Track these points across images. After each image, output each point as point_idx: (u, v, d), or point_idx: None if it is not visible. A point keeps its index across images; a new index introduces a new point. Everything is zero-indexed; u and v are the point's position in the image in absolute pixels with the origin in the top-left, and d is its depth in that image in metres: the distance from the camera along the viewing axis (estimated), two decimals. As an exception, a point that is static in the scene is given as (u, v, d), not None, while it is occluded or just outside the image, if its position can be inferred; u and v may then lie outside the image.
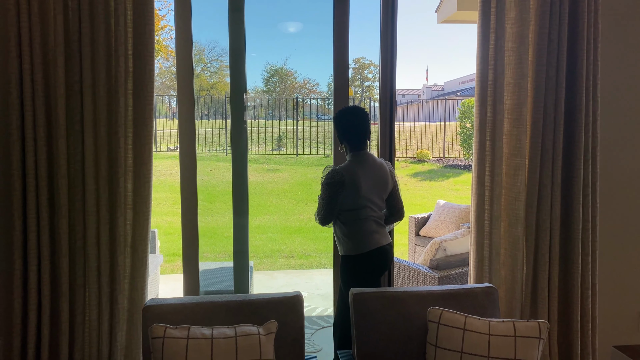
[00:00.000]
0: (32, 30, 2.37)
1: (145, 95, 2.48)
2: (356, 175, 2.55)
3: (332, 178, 2.53)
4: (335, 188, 2.52)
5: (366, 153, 2.65)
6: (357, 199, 2.56)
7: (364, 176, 2.57)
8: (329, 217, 2.59)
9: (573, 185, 2.75)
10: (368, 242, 2.59)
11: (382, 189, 2.66)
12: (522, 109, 2.68)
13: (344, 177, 2.53)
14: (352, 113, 2.62)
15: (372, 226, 2.62)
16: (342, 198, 2.56)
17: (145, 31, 2.45)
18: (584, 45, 2.67)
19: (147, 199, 2.54)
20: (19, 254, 2.47)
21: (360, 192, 2.55)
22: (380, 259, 2.64)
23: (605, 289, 3.07)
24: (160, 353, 1.82)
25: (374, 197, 2.62)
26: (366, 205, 2.59)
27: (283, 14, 28.49)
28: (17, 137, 2.42)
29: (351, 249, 2.60)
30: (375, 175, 2.63)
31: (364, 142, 2.65)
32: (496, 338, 1.97)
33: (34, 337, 2.50)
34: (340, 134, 2.66)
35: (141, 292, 2.58)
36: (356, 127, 2.61)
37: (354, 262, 2.60)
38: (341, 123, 2.63)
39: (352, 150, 2.65)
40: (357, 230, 2.59)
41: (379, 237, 2.64)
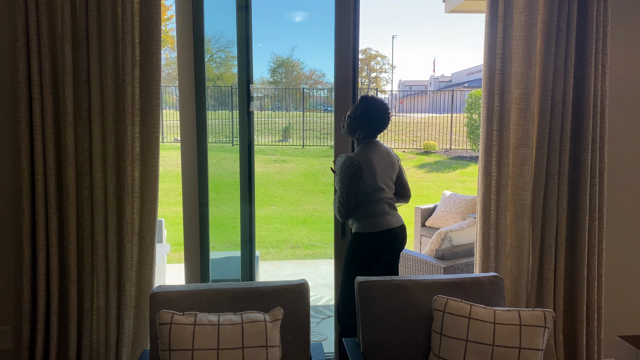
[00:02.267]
0: (40, 19, 2.38)
1: (152, 84, 2.48)
2: (371, 160, 2.64)
3: (351, 166, 2.58)
4: (357, 175, 2.58)
5: (375, 140, 2.76)
6: (374, 183, 2.65)
7: (378, 160, 2.68)
8: (351, 207, 2.63)
9: (580, 176, 2.74)
10: (380, 223, 2.68)
11: (392, 172, 2.79)
12: (529, 99, 2.66)
13: (361, 162, 2.59)
14: (382, 105, 2.71)
15: (385, 208, 2.71)
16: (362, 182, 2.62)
17: (152, 20, 2.45)
18: (593, 34, 2.64)
19: (154, 187, 2.55)
20: (28, 241, 2.50)
21: (376, 175, 2.64)
22: (391, 239, 2.72)
23: (611, 279, 3.06)
24: (167, 339, 1.84)
25: (387, 179, 2.74)
26: (381, 187, 2.69)
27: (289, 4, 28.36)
28: (26, 125, 2.44)
29: (363, 227, 2.68)
30: (386, 159, 2.75)
31: (378, 131, 2.76)
32: (501, 327, 1.98)
33: (42, 323, 2.53)
34: (363, 122, 2.69)
35: (148, 280, 2.60)
36: (381, 119, 2.70)
37: (363, 240, 2.68)
38: (375, 117, 2.68)
39: (367, 137, 2.73)
40: (371, 211, 2.68)
41: (390, 218, 2.72)
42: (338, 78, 2.82)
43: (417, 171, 13.56)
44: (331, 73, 16.76)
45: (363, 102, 2.70)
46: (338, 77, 2.82)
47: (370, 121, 2.68)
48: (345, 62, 2.81)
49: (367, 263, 2.69)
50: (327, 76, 33.35)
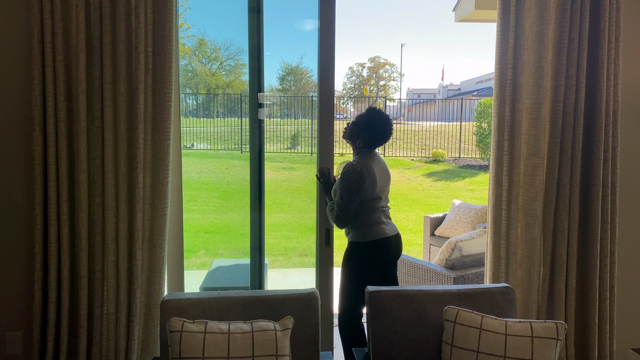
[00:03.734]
0: (55, 28, 2.41)
1: (165, 92, 2.50)
2: (372, 168, 2.66)
3: (354, 173, 2.59)
4: (361, 182, 2.60)
5: (374, 151, 2.80)
6: (373, 192, 2.67)
7: (378, 170, 2.71)
8: (349, 214, 2.63)
9: (592, 186, 2.72)
10: (376, 232, 2.70)
11: (389, 182, 2.84)
12: (540, 109, 2.65)
13: (363, 170, 2.61)
14: (388, 119, 2.76)
15: (380, 217, 2.74)
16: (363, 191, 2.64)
17: (165, 28, 2.48)
18: (605, 45, 2.63)
19: (165, 194, 2.57)
20: (40, 247, 2.52)
21: (376, 184, 2.66)
22: (386, 248, 2.73)
23: (624, 291, 3.03)
24: (177, 346, 1.84)
25: (384, 189, 2.77)
26: (379, 197, 2.72)
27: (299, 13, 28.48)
28: (39, 132, 2.47)
29: (361, 235, 2.70)
30: (384, 170, 2.79)
31: (380, 143, 2.79)
32: (513, 338, 1.96)
33: (53, 329, 2.54)
34: (365, 131, 2.73)
35: (158, 287, 2.61)
36: (383, 130, 2.74)
37: (360, 249, 2.70)
38: (377, 129, 2.72)
39: (367, 147, 2.76)
40: (368, 221, 2.70)
41: (386, 227, 2.75)
42: (322, 88, 2.81)
43: (426, 180, 13.52)
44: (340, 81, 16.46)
45: (369, 112, 2.76)
46: (322, 87, 2.81)
47: (372, 131, 2.72)
48: (328, 73, 2.81)
49: (365, 272, 2.70)
50: (335, 84, 33.32)
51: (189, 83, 15.22)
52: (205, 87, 16.55)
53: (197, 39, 14.04)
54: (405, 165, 15.42)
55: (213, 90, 16.63)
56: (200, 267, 6.30)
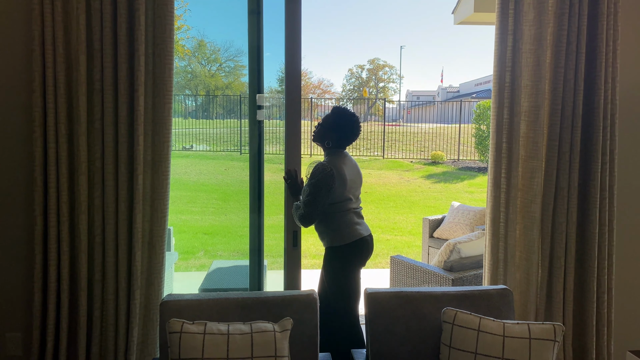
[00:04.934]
0: (56, 30, 2.42)
1: (165, 94, 2.51)
2: (342, 169, 2.67)
3: (323, 172, 2.59)
4: (330, 182, 2.60)
5: (344, 151, 2.82)
6: (343, 192, 2.68)
7: (348, 171, 2.72)
8: (315, 214, 2.62)
9: (590, 189, 2.73)
10: (353, 233, 2.72)
11: (360, 184, 2.87)
12: (539, 111, 2.67)
13: (333, 170, 2.62)
14: (353, 117, 2.78)
15: (353, 218, 2.76)
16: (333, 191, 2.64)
17: (165, 31, 2.49)
18: (603, 48, 2.65)
19: (164, 196, 2.57)
20: (40, 249, 2.52)
21: (346, 185, 2.68)
22: (363, 249, 2.76)
23: (622, 293, 3.04)
24: (177, 347, 1.85)
25: (355, 190, 2.79)
26: (350, 197, 2.73)
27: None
28: (40, 133, 2.48)
29: (338, 239, 2.71)
30: (355, 171, 2.81)
31: (348, 143, 2.82)
32: (511, 340, 1.97)
33: (52, 330, 2.54)
34: (332, 131, 2.76)
35: (158, 288, 2.61)
36: (350, 129, 2.76)
37: (342, 252, 2.71)
38: (343, 128, 2.75)
39: (336, 147, 2.77)
40: (341, 222, 2.71)
41: (360, 228, 2.77)
42: (288, 88, 2.79)
43: (425, 182, 13.53)
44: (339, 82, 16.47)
45: (334, 112, 2.79)
46: (288, 86, 2.79)
47: (339, 130, 2.73)
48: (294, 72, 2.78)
49: (351, 274, 2.72)
50: (335, 85, 33.36)
51: (188, 84, 15.22)
52: (205, 89, 16.55)
53: (196, 40, 14.06)
54: (404, 167, 15.43)
55: (212, 92, 16.63)
56: (200, 268, 6.31)
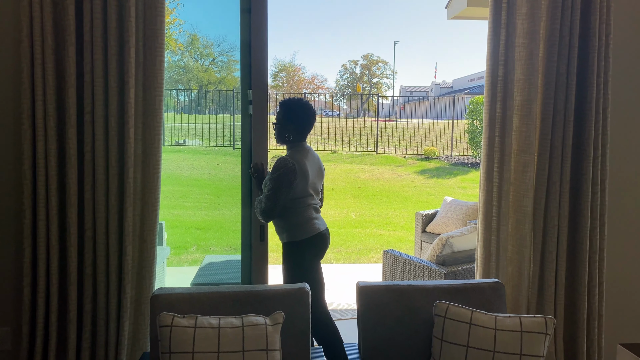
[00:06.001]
0: (44, 21, 2.39)
1: (156, 87, 2.49)
2: (304, 164, 2.67)
3: (286, 167, 2.58)
4: (291, 177, 2.59)
5: (306, 144, 2.81)
6: (305, 188, 2.68)
7: (310, 165, 2.72)
8: (276, 209, 2.61)
9: (582, 183, 2.74)
10: (310, 228, 2.73)
11: (321, 179, 2.87)
12: (532, 106, 2.67)
13: (295, 166, 2.61)
14: (304, 106, 2.75)
15: (312, 213, 2.77)
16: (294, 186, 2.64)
17: (156, 23, 2.46)
18: (595, 42, 2.65)
19: (155, 190, 2.55)
20: (29, 242, 2.50)
21: (307, 181, 2.68)
22: (321, 243, 2.79)
23: (612, 287, 3.05)
24: (167, 341, 1.84)
25: (316, 185, 2.79)
26: (310, 193, 2.73)
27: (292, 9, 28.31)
28: (28, 126, 2.44)
29: (298, 234, 2.73)
30: (317, 166, 2.81)
31: (305, 134, 2.80)
32: (502, 333, 1.98)
33: (42, 324, 2.52)
34: (287, 124, 2.75)
35: (149, 282, 2.59)
36: (302, 116, 2.74)
37: (302, 246, 2.73)
38: (294, 114, 2.73)
39: (297, 141, 2.76)
40: (300, 219, 2.72)
41: (317, 222, 2.79)
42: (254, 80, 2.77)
43: (418, 177, 13.55)
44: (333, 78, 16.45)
45: (282, 106, 2.78)
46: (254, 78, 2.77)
47: (293, 121, 2.72)
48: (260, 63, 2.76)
49: (308, 269, 2.73)
50: (328, 81, 33.38)
51: (181, 79, 15.13)
52: (198, 83, 16.47)
53: (189, 34, 13.97)
54: (398, 162, 15.45)
55: (205, 87, 16.55)
56: (192, 263, 6.29)
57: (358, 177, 13.52)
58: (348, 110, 34.02)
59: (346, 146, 17.42)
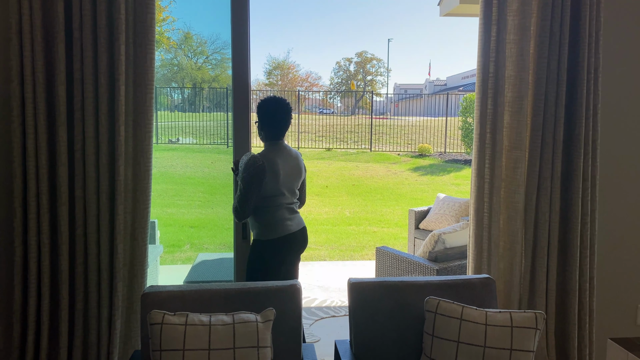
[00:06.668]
0: (33, 18, 2.37)
1: (146, 84, 2.48)
2: (275, 162, 2.64)
3: (254, 166, 2.56)
4: (260, 176, 2.58)
5: (283, 143, 2.76)
6: (275, 187, 2.64)
7: (283, 164, 2.68)
8: (247, 208, 2.61)
9: (573, 179, 2.75)
10: (279, 229, 2.70)
11: (297, 177, 2.80)
12: (522, 102, 2.68)
13: (265, 164, 2.59)
14: (277, 103, 2.70)
15: (284, 214, 2.72)
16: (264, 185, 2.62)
17: (147, 19, 2.45)
18: (585, 38, 2.66)
19: (146, 187, 2.55)
20: (19, 241, 2.48)
21: (279, 179, 2.64)
22: (291, 244, 2.74)
23: (602, 282, 3.07)
24: (158, 339, 1.83)
25: (290, 185, 2.74)
26: (282, 193, 2.69)
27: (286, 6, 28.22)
28: (18, 124, 2.43)
29: (265, 233, 2.70)
30: (293, 164, 2.75)
31: (282, 133, 2.75)
32: (493, 328, 1.98)
33: (33, 323, 2.51)
34: (262, 122, 2.73)
35: (140, 280, 2.59)
36: (275, 114, 2.69)
37: (263, 247, 2.70)
38: (266, 112, 2.70)
39: (271, 139, 2.73)
40: (271, 218, 2.69)
41: (290, 223, 2.74)
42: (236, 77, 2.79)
43: (412, 174, 13.58)
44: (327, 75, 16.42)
45: (257, 105, 2.76)
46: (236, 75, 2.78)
47: (266, 119, 2.69)
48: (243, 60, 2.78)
49: (269, 269, 2.70)
50: (322, 78, 33.33)
51: (174, 77, 15.08)
52: (191, 81, 16.42)
53: (182, 32, 13.93)
54: (392, 159, 15.47)
55: (199, 85, 16.51)
56: (185, 261, 6.27)
57: (352, 175, 13.53)
58: (342, 107, 34.00)
59: (340, 144, 17.42)
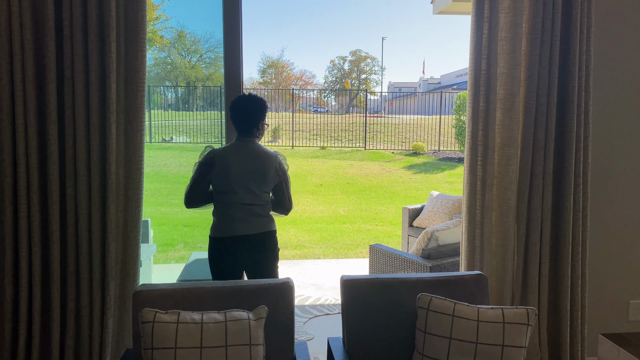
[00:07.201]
0: (23, 15, 2.36)
1: (137, 82, 2.47)
2: (228, 158, 2.61)
3: (204, 157, 2.63)
4: (205, 168, 2.61)
5: (251, 141, 2.69)
6: (226, 182, 2.61)
7: (237, 161, 2.61)
8: (191, 197, 2.65)
9: (564, 176, 2.76)
10: (225, 229, 2.64)
11: (259, 179, 2.63)
12: (514, 99, 2.68)
13: (215, 158, 2.60)
14: (242, 100, 2.67)
15: (236, 213, 2.63)
16: (212, 179, 2.63)
17: (138, 17, 2.44)
18: (577, 35, 2.67)
19: (138, 186, 2.54)
20: (10, 240, 2.47)
21: (228, 175, 2.60)
22: (239, 246, 2.64)
23: (595, 279, 3.09)
24: (150, 337, 1.83)
25: (247, 183, 2.62)
26: (235, 190, 2.61)
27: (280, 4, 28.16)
28: (8, 122, 2.41)
29: (211, 229, 2.71)
30: (252, 164, 2.63)
31: (247, 129, 2.68)
32: (485, 324, 1.99)
33: (25, 323, 2.50)
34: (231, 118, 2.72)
35: (132, 279, 2.58)
36: (241, 113, 2.66)
37: (210, 244, 2.70)
38: (230, 107, 2.70)
39: (238, 135, 2.71)
40: (221, 214, 2.66)
41: (240, 225, 2.63)
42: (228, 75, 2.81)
43: (406, 172, 13.60)
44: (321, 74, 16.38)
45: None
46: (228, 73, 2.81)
47: (234, 112, 2.67)
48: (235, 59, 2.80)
49: (219, 267, 2.67)
50: (317, 77, 33.26)
51: (168, 76, 15.01)
52: (185, 80, 16.36)
53: (176, 31, 13.86)
54: (386, 158, 15.48)
55: (193, 83, 16.45)
56: (179, 260, 6.26)
57: (346, 173, 13.53)
58: (337, 106, 34.00)
59: (335, 142, 17.42)
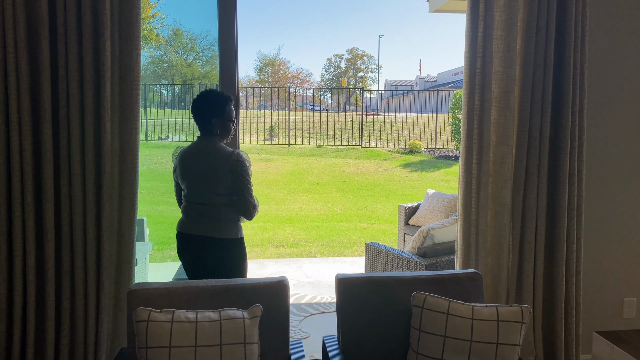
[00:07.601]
0: (16, 13, 2.34)
1: (132, 80, 2.46)
2: (183, 156, 2.62)
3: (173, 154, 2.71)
4: (174, 168, 2.70)
5: (208, 139, 2.57)
6: (182, 180, 2.63)
7: (191, 160, 2.57)
8: (177, 198, 2.79)
9: (559, 174, 2.77)
10: (181, 224, 2.66)
11: (211, 179, 2.51)
12: (509, 97, 2.68)
13: (177, 157, 2.67)
14: (197, 97, 2.58)
15: (187, 210, 2.62)
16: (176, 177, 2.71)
17: (132, 15, 2.43)
18: (572, 34, 2.67)
19: (133, 184, 2.53)
20: (4, 239, 2.46)
21: (183, 173, 2.61)
22: (183, 245, 2.64)
23: (589, 276, 3.10)
24: (144, 336, 1.82)
25: (199, 183, 2.54)
26: (188, 187, 2.60)
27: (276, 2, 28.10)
28: (2, 121, 2.40)
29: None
30: (203, 163, 2.53)
31: (202, 127, 2.59)
32: (479, 322, 1.99)
33: (19, 322, 2.49)
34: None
35: (127, 278, 2.57)
36: (195, 112, 2.61)
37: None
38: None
39: (201, 131, 2.62)
40: (182, 211, 2.69)
41: (188, 223, 2.60)
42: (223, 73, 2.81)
43: (402, 170, 13.61)
44: (318, 72, 16.39)
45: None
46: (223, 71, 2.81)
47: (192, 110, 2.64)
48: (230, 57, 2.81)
49: (184, 264, 2.70)
50: (313, 75, 33.23)
51: (164, 74, 14.96)
52: (181, 78, 16.31)
53: (172, 28, 13.81)
54: (382, 156, 15.50)
55: (189, 81, 16.39)
56: (175, 259, 6.23)
57: (343, 171, 13.54)
58: (333, 104, 34.01)
59: (331, 140, 17.42)
